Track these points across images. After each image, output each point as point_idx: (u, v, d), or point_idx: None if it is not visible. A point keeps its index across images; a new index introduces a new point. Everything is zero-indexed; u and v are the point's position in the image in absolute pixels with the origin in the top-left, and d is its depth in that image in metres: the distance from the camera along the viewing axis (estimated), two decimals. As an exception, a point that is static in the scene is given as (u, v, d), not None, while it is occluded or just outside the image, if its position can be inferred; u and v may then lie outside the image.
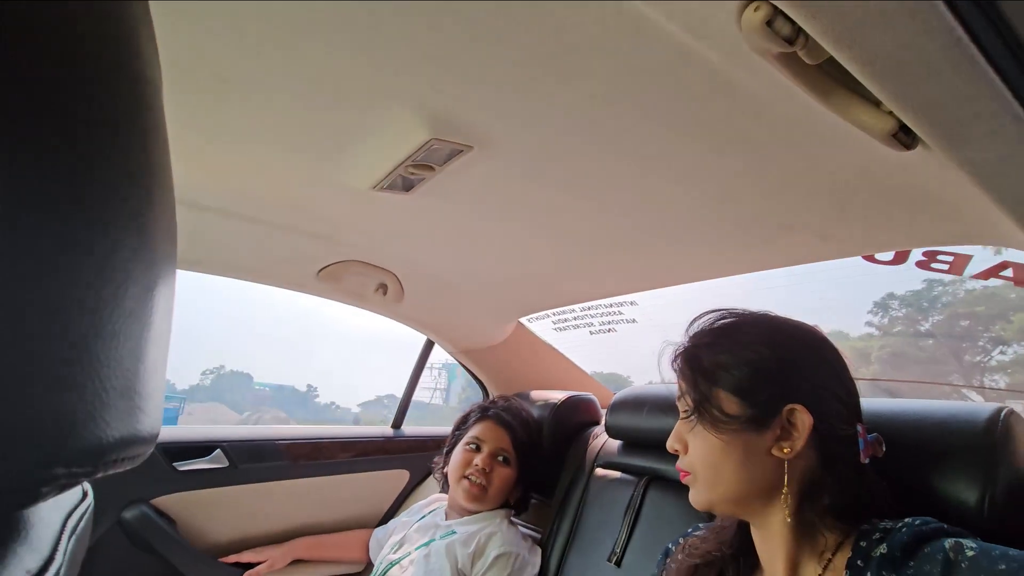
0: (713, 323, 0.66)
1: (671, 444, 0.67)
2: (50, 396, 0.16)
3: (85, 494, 0.31)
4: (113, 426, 0.18)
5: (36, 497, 0.16)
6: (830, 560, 0.57)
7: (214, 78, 0.62)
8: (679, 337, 0.68)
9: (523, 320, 1.60)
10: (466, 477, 1.17)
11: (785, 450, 0.58)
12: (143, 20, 0.22)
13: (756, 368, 0.60)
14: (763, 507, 0.61)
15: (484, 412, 1.26)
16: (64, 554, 0.22)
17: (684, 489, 0.97)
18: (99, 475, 0.18)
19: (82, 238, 0.17)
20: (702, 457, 0.62)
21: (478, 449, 1.20)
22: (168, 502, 1.27)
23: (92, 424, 0.17)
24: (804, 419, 0.57)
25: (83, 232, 0.17)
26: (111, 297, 0.17)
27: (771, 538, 0.61)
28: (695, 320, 0.68)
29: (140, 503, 1.23)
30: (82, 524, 0.27)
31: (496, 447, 1.19)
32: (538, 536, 1.22)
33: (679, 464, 0.66)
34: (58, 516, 0.24)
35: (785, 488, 0.58)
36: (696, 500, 0.64)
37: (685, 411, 0.65)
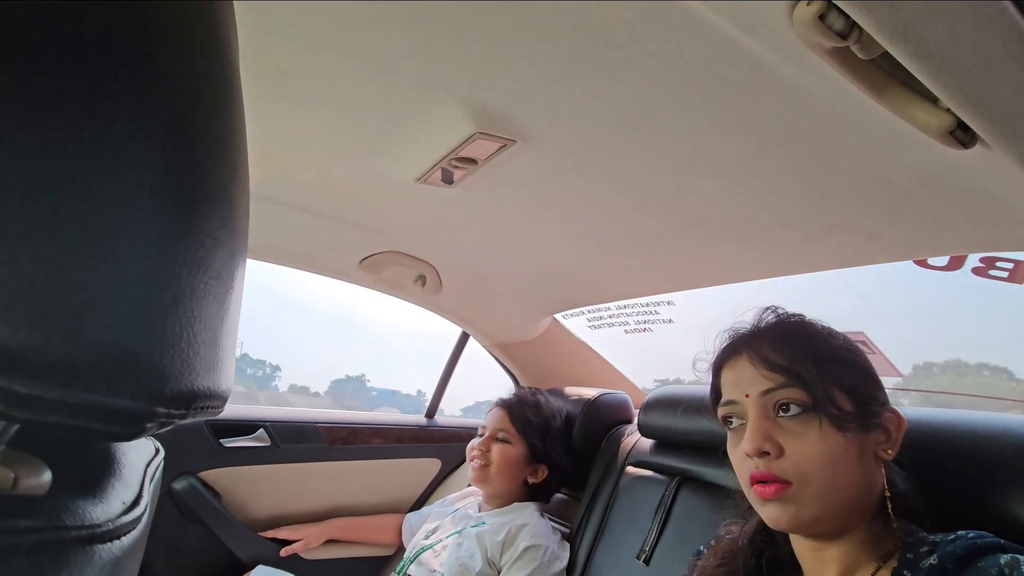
0: (783, 319, 0.62)
1: (759, 444, 0.55)
2: (154, 341, 0.18)
3: (158, 449, 0.34)
4: (202, 376, 0.20)
5: (139, 431, 0.18)
6: (878, 568, 0.55)
7: (276, 72, 0.65)
8: (710, 340, 0.65)
9: (558, 316, 1.61)
10: (472, 461, 1.22)
11: (888, 451, 0.57)
12: (230, 13, 0.24)
13: (863, 369, 0.59)
14: (858, 515, 0.56)
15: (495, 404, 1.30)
16: (148, 495, 0.25)
17: (717, 490, 0.97)
18: (188, 420, 0.20)
19: (181, 205, 0.19)
20: (821, 459, 0.54)
21: (481, 435, 1.25)
22: (214, 476, 1.34)
23: (187, 371, 0.19)
24: (901, 422, 0.57)
25: (181, 198, 0.19)
26: (204, 259, 0.20)
27: (837, 552, 0.57)
28: (764, 311, 0.63)
29: (188, 475, 1.30)
30: (158, 474, 0.30)
31: (494, 428, 1.24)
32: (567, 531, 1.23)
33: (771, 471, 0.55)
34: (141, 463, 0.27)
35: (887, 490, 0.56)
36: (795, 517, 0.54)
37: (784, 404, 0.56)
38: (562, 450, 1.25)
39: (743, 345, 0.61)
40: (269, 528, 1.39)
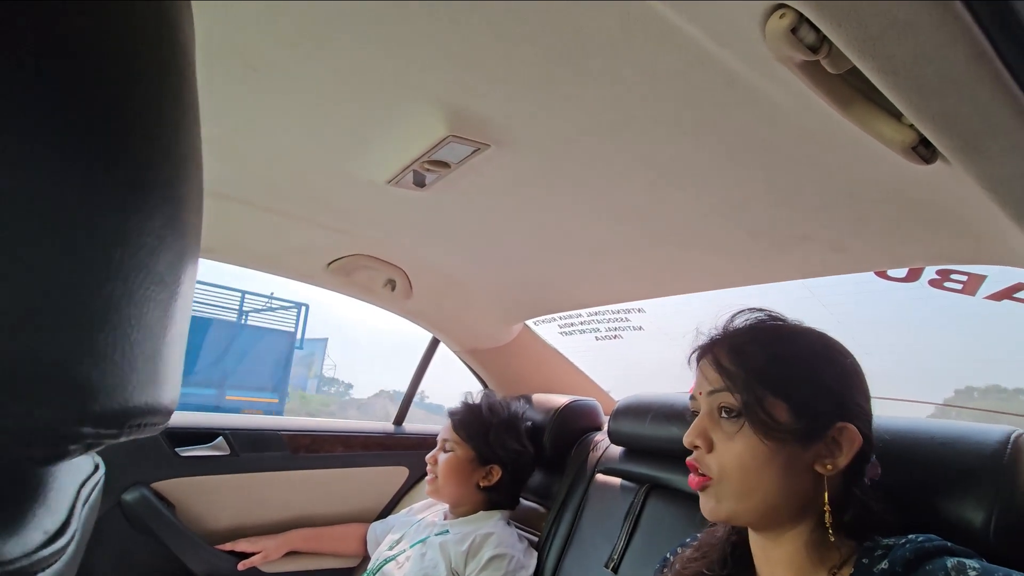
0: (761, 323, 0.63)
1: (691, 438, 0.61)
2: (82, 353, 0.16)
3: (97, 466, 0.31)
4: (139, 390, 0.18)
5: (63, 454, 0.17)
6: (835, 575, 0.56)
7: (244, 66, 0.63)
8: (685, 345, 0.66)
9: (529, 323, 1.60)
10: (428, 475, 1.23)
11: (829, 467, 0.56)
12: (185, 3, 0.22)
13: (812, 378, 0.58)
14: (787, 522, 0.58)
15: None
16: (79, 520, 0.23)
17: (685, 498, 0.97)
18: (122, 439, 0.19)
19: (119, 199, 0.17)
20: (740, 462, 0.57)
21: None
22: (168, 486, 1.28)
23: (120, 386, 0.17)
24: (854, 439, 0.56)
25: (120, 193, 0.17)
26: (145, 261, 0.18)
27: (782, 554, 0.59)
28: (735, 315, 0.64)
29: (140, 486, 1.24)
30: (94, 494, 0.28)
31: (441, 439, 1.23)
32: (535, 539, 1.22)
33: (696, 463, 0.61)
34: (73, 484, 0.25)
35: (827, 505, 0.56)
36: (714, 509, 0.59)
37: (723, 408, 0.59)
38: (513, 445, 1.21)
39: (710, 347, 0.63)
40: (227, 541, 1.33)
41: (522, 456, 1.23)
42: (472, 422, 1.21)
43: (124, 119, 0.17)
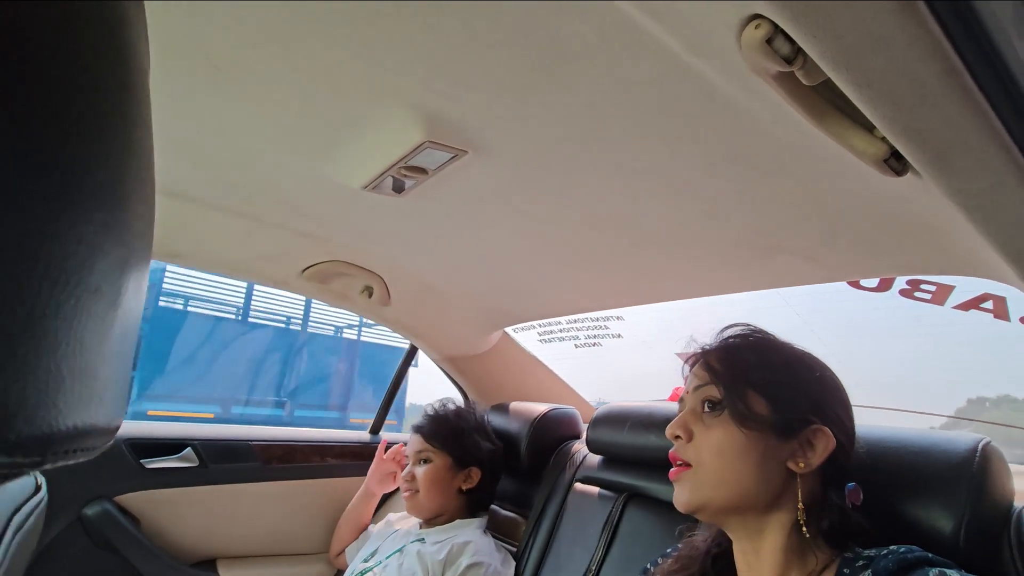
0: (750, 332, 0.67)
1: (673, 429, 0.63)
2: None
3: (39, 487, 0.29)
4: (67, 412, 0.17)
5: None
6: None
7: (208, 66, 0.61)
8: (664, 354, 0.68)
9: (509, 330, 1.59)
10: (404, 493, 1.21)
11: (801, 464, 0.59)
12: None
13: (791, 379, 0.62)
14: (758, 519, 0.60)
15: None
16: (7, 550, 0.21)
17: (664, 507, 0.97)
18: (48, 466, 0.17)
19: (42, 201, 0.16)
20: (718, 448, 0.60)
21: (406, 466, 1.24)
22: (133, 500, 1.23)
23: (43, 408, 0.16)
24: (827, 441, 0.59)
25: (44, 195, 0.16)
26: (75, 269, 0.16)
27: (760, 559, 0.60)
28: (726, 328, 0.68)
29: (103, 500, 1.19)
30: (31, 520, 0.26)
31: (414, 453, 1.22)
32: (513, 549, 1.20)
33: (677, 452, 0.63)
34: (4, 510, 0.23)
35: (800, 503, 0.58)
36: (687, 498, 0.61)
37: (707, 400, 0.63)
38: (486, 444, 1.24)
39: (702, 354, 0.67)
40: (195, 556, 1.28)
41: (496, 453, 1.26)
42: (443, 430, 1.22)
43: (51, 115, 0.16)
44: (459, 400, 1.33)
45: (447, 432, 1.21)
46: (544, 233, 0.95)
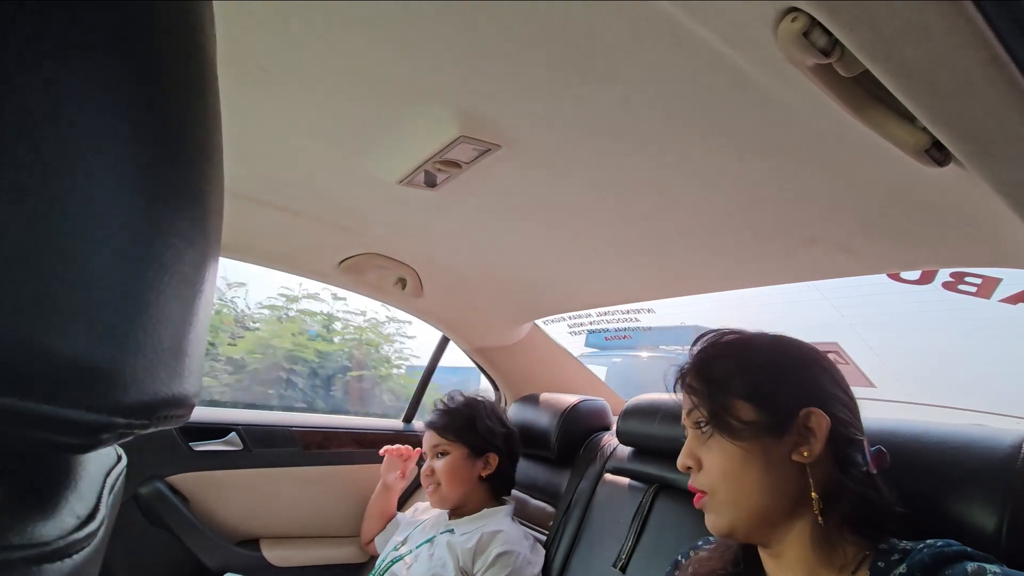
0: (718, 339, 0.66)
1: (683, 461, 0.64)
2: (115, 350, 0.17)
3: (120, 456, 0.32)
4: (165, 383, 0.19)
5: (97, 443, 0.17)
6: None
7: (256, 68, 0.64)
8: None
9: (539, 322, 1.61)
10: (427, 488, 1.23)
11: (805, 453, 0.57)
12: (208, 7, 0.23)
13: (770, 373, 0.61)
14: (785, 523, 0.59)
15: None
16: (106, 507, 0.24)
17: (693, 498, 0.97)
18: (151, 429, 0.19)
19: (149, 200, 0.18)
20: (721, 470, 0.60)
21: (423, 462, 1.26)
22: (182, 480, 1.30)
23: (149, 379, 0.18)
24: (821, 421, 0.58)
25: (151, 193, 0.18)
26: (172, 262, 0.19)
27: (788, 557, 0.60)
28: (697, 340, 0.67)
29: (156, 479, 1.26)
30: (119, 484, 0.29)
31: (430, 448, 1.24)
32: (543, 537, 1.22)
33: (693, 484, 0.63)
34: (100, 473, 0.26)
35: (813, 492, 0.57)
36: (716, 524, 0.61)
37: (697, 423, 0.63)
38: (501, 428, 1.26)
39: (682, 376, 0.67)
40: (239, 535, 1.35)
41: (510, 436, 1.28)
42: (455, 422, 1.23)
43: (155, 125, 0.18)
44: (466, 393, 1.34)
45: (459, 423, 1.23)
46: (575, 226, 0.96)
